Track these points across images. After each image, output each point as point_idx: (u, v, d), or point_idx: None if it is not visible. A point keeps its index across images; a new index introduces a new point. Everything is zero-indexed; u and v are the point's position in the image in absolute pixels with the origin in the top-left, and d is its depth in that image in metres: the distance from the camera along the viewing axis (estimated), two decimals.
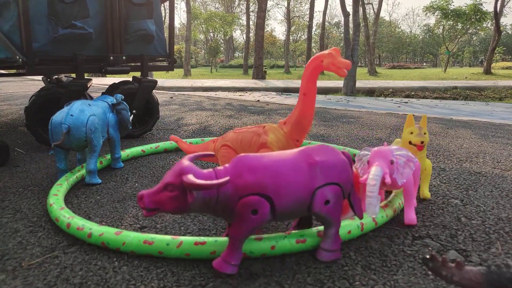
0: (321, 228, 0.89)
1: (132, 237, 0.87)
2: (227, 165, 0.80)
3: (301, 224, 0.97)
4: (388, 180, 0.89)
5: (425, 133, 1.22)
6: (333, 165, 0.82)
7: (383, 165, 0.92)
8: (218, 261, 0.79)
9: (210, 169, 0.78)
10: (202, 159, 1.37)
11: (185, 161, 0.75)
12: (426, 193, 1.29)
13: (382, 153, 0.95)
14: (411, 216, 1.05)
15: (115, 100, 1.63)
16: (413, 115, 3.75)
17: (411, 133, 1.23)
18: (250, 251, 0.84)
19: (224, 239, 0.85)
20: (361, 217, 0.89)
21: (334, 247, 0.84)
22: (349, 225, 0.94)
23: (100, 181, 1.47)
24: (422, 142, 1.22)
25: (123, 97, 1.66)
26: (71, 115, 1.37)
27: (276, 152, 0.84)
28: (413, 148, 1.22)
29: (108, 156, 1.67)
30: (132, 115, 1.79)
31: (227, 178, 0.72)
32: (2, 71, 2.99)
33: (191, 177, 0.70)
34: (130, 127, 1.68)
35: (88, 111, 1.42)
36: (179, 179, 0.72)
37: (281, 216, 0.80)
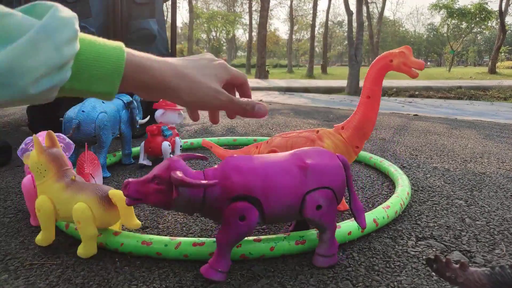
0: None
1: (130, 238, 0.87)
2: (216, 166, 0.78)
3: (298, 226, 0.95)
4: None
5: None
6: (325, 168, 0.78)
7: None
8: (205, 267, 0.77)
9: (200, 170, 0.77)
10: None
11: (176, 158, 0.75)
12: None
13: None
14: None
15: (130, 99, 1.68)
16: (417, 114, 3.75)
17: None
18: (249, 252, 0.83)
19: None
20: (363, 227, 0.84)
21: (329, 252, 0.82)
22: (349, 227, 0.93)
23: (109, 174, 1.51)
24: None
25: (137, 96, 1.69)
26: (83, 111, 1.41)
27: (267, 155, 0.82)
28: None
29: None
30: (147, 119, 1.83)
31: (215, 181, 0.71)
32: None
33: (179, 173, 0.69)
34: (138, 127, 1.70)
35: (100, 108, 1.46)
36: (168, 173, 0.71)
37: (271, 220, 0.78)
